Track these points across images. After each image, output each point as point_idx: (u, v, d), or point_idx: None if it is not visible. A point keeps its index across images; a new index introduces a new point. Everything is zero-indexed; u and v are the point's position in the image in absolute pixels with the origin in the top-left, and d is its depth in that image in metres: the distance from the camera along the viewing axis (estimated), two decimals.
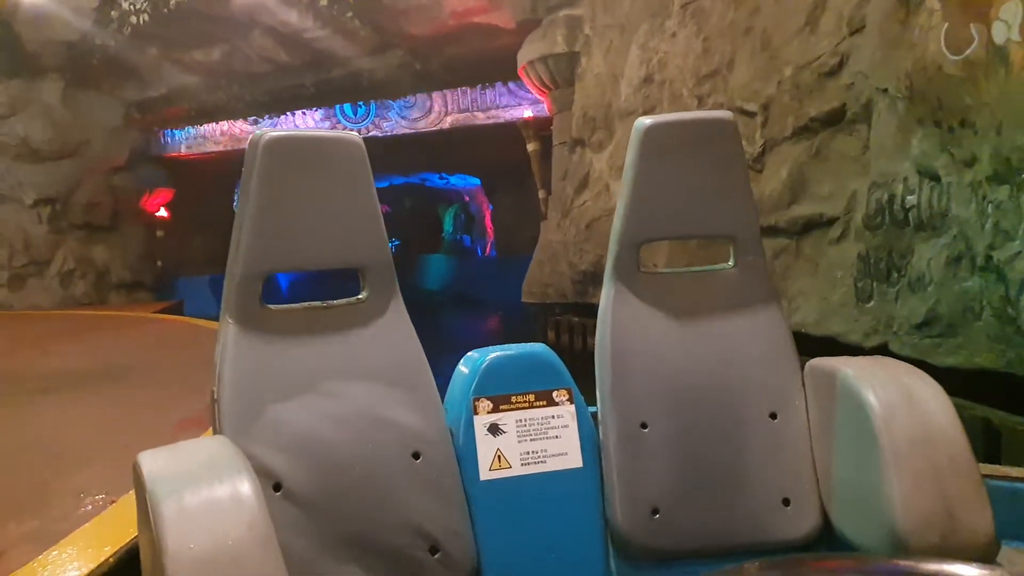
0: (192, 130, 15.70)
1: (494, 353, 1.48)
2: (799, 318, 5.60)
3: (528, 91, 11.79)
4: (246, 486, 1.00)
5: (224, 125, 15.67)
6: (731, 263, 1.53)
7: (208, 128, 15.72)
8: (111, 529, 2.56)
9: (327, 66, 12.57)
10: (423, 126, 14.91)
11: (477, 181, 23.80)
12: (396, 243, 34.81)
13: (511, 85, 13.81)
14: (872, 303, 4.81)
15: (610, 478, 1.43)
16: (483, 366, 1.46)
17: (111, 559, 2.28)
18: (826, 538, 1.40)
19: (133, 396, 5.68)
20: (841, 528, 1.37)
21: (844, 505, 1.36)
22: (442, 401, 1.46)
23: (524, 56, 10.05)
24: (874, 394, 1.24)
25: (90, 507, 2.87)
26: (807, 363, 1.48)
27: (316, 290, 1.50)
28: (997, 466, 1.85)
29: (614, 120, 8.92)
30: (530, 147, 11.07)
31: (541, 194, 10.67)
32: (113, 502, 2.87)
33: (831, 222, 5.38)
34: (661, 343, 1.49)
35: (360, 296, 1.41)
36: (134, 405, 5.30)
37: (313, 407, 1.30)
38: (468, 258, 24.91)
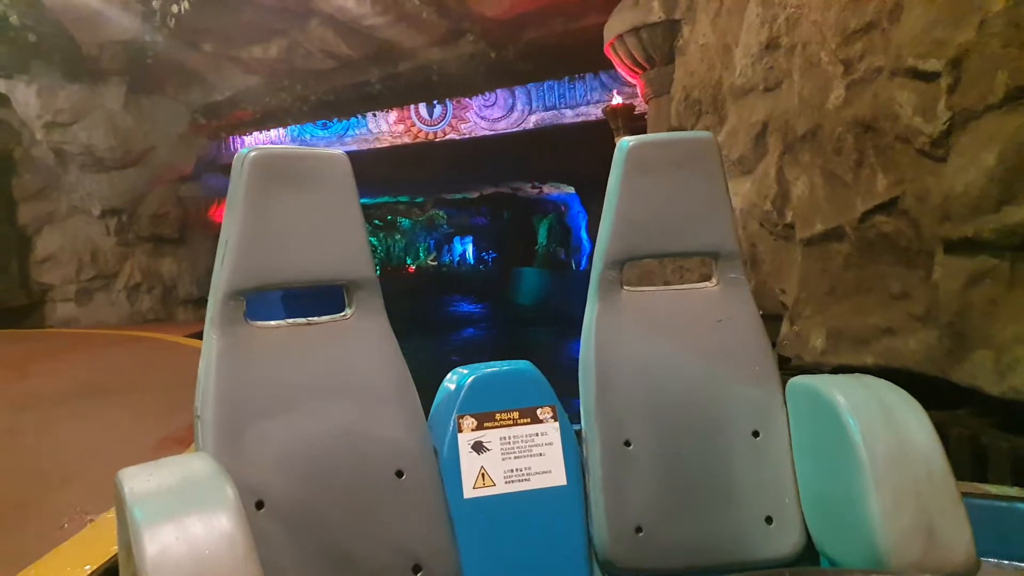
0: (260, 135, 14.84)
1: (480, 370, 1.49)
2: (1017, 380, 3.57)
3: (624, 83, 10.03)
4: (228, 504, 0.99)
5: (294, 131, 14.76)
6: (713, 281, 1.57)
7: (276, 134, 14.85)
8: (91, 547, 2.60)
9: (393, 59, 11.35)
10: (504, 127, 13.48)
11: (572, 190, 22.40)
12: (493, 255, 33.84)
13: (603, 77, 12.18)
14: None
15: (594, 496, 1.45)
16: (467, 383, 1.47)
17: None
18: (808, 555, 1.41)
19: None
20: (823, 545, 1.37)
21: (826, 522, 1.37)
22: (427, 418, 1.45)
23: (612, 29, 8.20)
24: (854, 412, 1.25)
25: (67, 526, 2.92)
26: (788, 381, 1.48)
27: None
28: (977, 484, 1.82)
29: (726, 101, 7.01)
30: (619, 141, 9.23)
31: None
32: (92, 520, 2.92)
33: None
34: (644, 361, 1.51)
35: (345, 313, 1.41)
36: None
37: (297, 424, 1.29)
38: (563, 272, 23.67)
